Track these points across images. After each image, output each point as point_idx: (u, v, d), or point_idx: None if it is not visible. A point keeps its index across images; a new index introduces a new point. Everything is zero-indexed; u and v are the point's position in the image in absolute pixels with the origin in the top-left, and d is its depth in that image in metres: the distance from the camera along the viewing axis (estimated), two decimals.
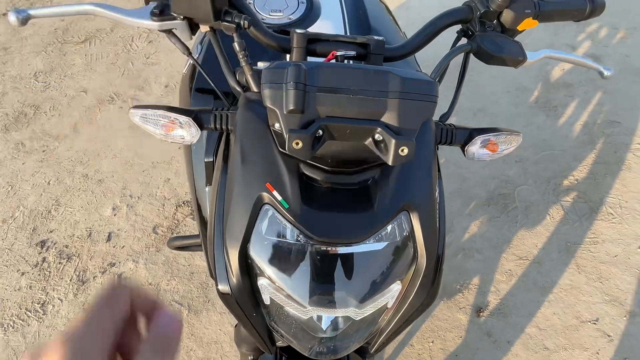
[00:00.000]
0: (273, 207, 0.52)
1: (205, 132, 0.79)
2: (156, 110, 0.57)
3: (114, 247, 1.67)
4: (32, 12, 0.60)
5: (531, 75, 2.22)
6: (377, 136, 0.48)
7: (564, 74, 2.22)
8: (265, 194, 0.52)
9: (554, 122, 2.00)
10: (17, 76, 2.56)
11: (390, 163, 0.47)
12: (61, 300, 1.51)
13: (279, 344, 0.67)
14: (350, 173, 0.53)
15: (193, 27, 0.59)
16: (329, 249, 0.52)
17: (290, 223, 0.52)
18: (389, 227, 0.53)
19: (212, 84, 0.66)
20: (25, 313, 1.48)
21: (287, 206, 0.51)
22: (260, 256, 0.54)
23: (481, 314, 1.41)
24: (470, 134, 0.63)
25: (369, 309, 0.56)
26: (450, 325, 1.39)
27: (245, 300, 0.56)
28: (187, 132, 0.57)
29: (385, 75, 0.47)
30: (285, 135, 0.46)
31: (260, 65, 0.59)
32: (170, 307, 0.28)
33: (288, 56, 0.61)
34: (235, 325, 0.84)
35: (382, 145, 0.48)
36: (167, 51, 2.62)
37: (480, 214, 1.70)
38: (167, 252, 1.64)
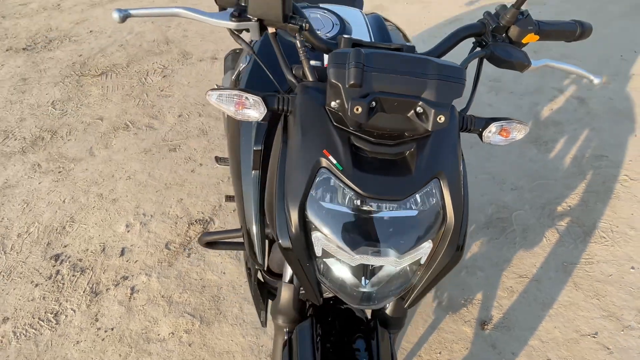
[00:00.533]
0: (329, 169, 0.62)
1: (255, 124, 0.90)
2: (231, 91, 0.67)
3: (127, 261, 1.71)
4: (132, 11, 0.73)
5: (522, 113, 2.41)
6: (418, 109, 0.59)
7: (553, 113, 2.41)
8: (322, 159, 0.62)
9: (546, 155, 2.15)
10: (35, 104, 2.69)
11: (430, 128, 0.58)
12: (74, 311, 1.53)
13: (326, 294, 0.74)
14: (391, 145, 0.64)
15: (262, 29, 0.72)
16: (374, 206, 0.61)
17: (343, 182, 0.61)
18: (424, 191, 0.63)
19: (271, 76, 0.78)
20: (39, 322, 1.49)
21: (341, 168, 0.61)
22: (316, 213, 0.62)
23: (485, 327, 1.46)
24: (486, 122, 0.74)
25: (406, 260, 0.65)
26: (457, 338, 1.43)
27: (302, 252, 0.64)
28: (256, 110, 0.68)
29: (425, 62, 0.60)
30: (348, 104, 0.56)
31: (313, 63, 0.71)
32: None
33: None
34: (272, 300, 0.90)
35: (422, 116, 0.59)
36: (180, 85, 2.79)
37: (480, 235, 1.79)
38: (179, 267, 1.69)
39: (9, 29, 3.66)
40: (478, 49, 0.82)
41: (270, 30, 0.72)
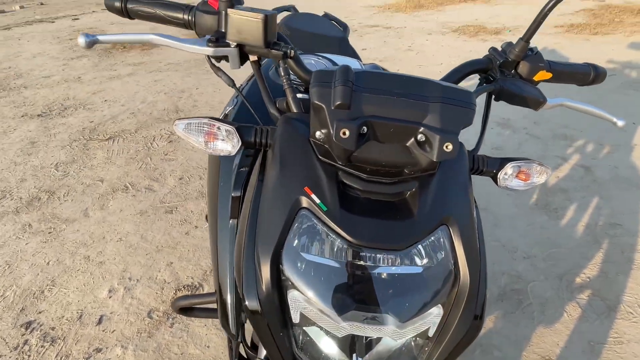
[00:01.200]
0: (310, 211, 0.51)
1: (235, 167, 0.82)
2: (201, 119, 0.59)
3: (103, 330, 1.55)
4: (100, 37, 0.65)
5: None
6: (419, 137, 0.49)
7: (559, 181, 2.35)
8: (303, 198, 0.51)
9: (557, 223, 2.05)
10: (39, 166, 2.71)
11: (435, 159, 0.48)
12: None
13: None
14: (388, 183, 0.53)
15: (242, 57, 0.65)
16: (367, 258, 0.50)
17: (328, 227, 0.50)
18: (429, 240, 0.52)
19: (252, 111, 0.72)
20: None
21: (326, 209, 0.50)
22: (293, 266, 0.51)
23: None
24: (501, 162, 0.64)
25: (409, 330, 0.51)
26: None
27: (274, 317, 0.52)
28: (229, 142, 0.59)
29: (427, 83, 0.51)
30: (333, 127, 0.48)
31: (300, 96, 0.65)
32: None
33: None
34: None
35: (425, 145, 0.49)
36: (184, 150, 2.82)
37: (493, 309, 1.62)
38: (159, 338, 1.52)
39: (28, 97, 3.86)
40: (485, 85, 0.74)
41: (252, 58, 0.66)
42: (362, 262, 0.50)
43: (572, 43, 4.58)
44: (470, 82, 3.47)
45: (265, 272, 0.51)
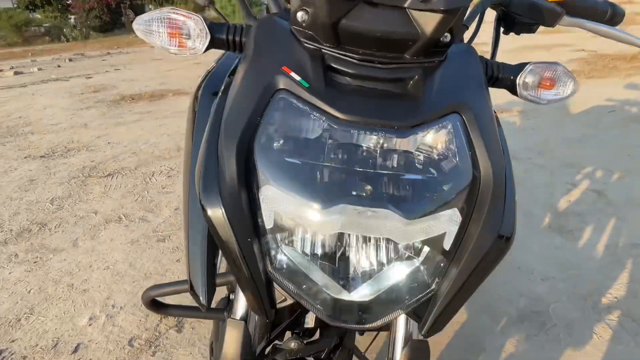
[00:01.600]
0: (289, 91, 0.43)
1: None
2: (162, 11, 0.50)
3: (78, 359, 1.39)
4: None
5: (539, 205, 2.26)
6: None
7: (572, 205, 2.25)
8: (280, 78, 0.43)
9: (573, 244, 1.92)
10: (34, 200, 2.66)
11: (442, 7, 0.38)
12: None
13: (281, 304, 0.47)
14: (385, 67, 0.44)
15: None
16: (359, 142, 0.40)
17: (311, 105, 0.41)
18: (438, 125, 0.42)
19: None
20: None
21: (308, 85, 0.42)
22: (267, 156, 0.41)
23: None
24: (519, 66, 0.55)
25: (418, 232, 0.41)
26: None
27: (241, 221, 0.41)
28: (195, 34, 0.50)
29: None
30: None
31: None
32: None
33: None
34: (210, 344, 0.62)
35: (430, 3, 0.39)
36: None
37: (514, 331, 1.45)
38: None
39: (33, 141, 3.92)
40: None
41: None
42: (353, 144, 0.41)
43: None
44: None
45: (231, 164, 0.41)
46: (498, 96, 0.87)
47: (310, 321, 0.68)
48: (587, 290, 1.62)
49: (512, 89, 0.56)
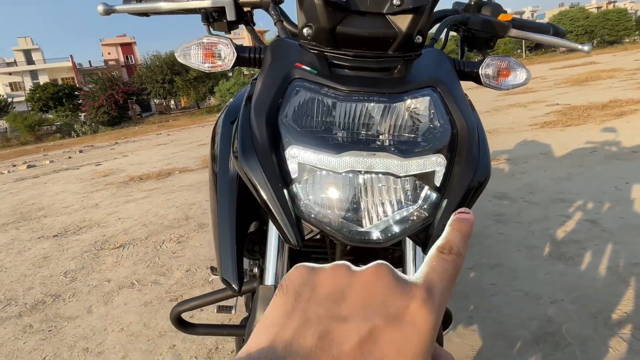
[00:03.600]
0: (302, 78, 0.56)
1: (234, 131, 0.84)
2: (198, 39, 0.65)
3: None
4: (117, 7, 0.75)
5: (536, 237, 2.33)
6: (395, 0, 0.54)
7: (568, 234, 2.33)
8: (295, 70, 0.56)
9: (576, 269, 1.97)
10: (48, 275, 2.72)
11: (411, 6, 0.52)
12: None
13: (309, 235, 0.56)
14: (374, 60, 0.57)
15: (238, 11, 0.75)
16: (362, 104, 0.53)
17: (320, 84, 0.55)
18: (419, 93, 0.55)
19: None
20: None
21: (316, 72, 0.55)
22: (289, 126, 0.54)
23: None
24: (480, 61, 0.70)
25: (413, 166, 0.52)
26: None
27: (273, 173, 0.53)
28: (225, 57, 0.65)
29: None
30: None
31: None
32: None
33: None
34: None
35: (402, 6, 0.53)
36: (192, 247, 2.86)
37: (530, 353, 1.45)
38: None
39: (46, 224, 4.06)
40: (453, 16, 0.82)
41: (246, 9, 0.77)
42: (356, 111, 0.54)
43: (549, 134, 4.99)
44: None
45: (262, 132, 0.54)
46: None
47: None
48: (597, 308, 1.65)
49: (477, 80, 0.70)
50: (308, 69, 0.57)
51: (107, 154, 9.97)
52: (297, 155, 0.54)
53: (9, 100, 32.09)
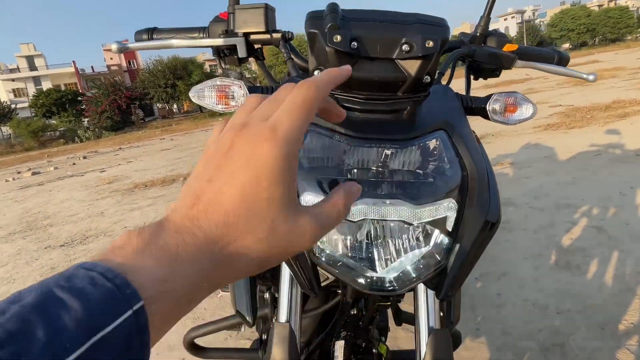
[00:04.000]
0: (314, 124, 0.57)
1: None
2: (210, 82, 0.67)
3: None
4: (129, 45, 0.78)
5: (542, 245, 2.34)
6: (404, 47, 0.54)
7: (574, 242, 2.33)
8: None
9: (582, 278, 1.97)
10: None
11: (420, 54, 0.53)
12: None
13: (325, 282, 0.57)
14: (384, 102, 0.58)
15: (248, 47, 0.77)
16: (372, 153, 0.54)
17: (330, 130, 0.56)
18: (430, 138, 0.56)
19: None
20: None
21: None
22: (302, 173, 0.55)
23: None
24: (487, 97, 0.70)
25: (425, 213, 0.53)
26: None
27: None
28: (239, 95, 0.66)
29: (404, 14, 0.58)
30: (326, 38, 0.53)
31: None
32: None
33: None
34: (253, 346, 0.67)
35: (410, 52, 0.54)
36: None
37: None
38: None
39: (52, 233, 4.09)
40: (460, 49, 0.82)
41: (257, 46, 0.79)
42: (367, 156, 0.55)
43: (553, 137, 4.99)
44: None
45: None
46: (489, 153, 1.05)
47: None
48: (603, 319, 1.65)
49: (485, 115, 0.72)
50: (317, 114, 0.58)
51: (111, 160, 10.02)
52: (311, 202, 0.55)
53: (12, 106, 32.32)
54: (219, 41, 0.75)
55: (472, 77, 0.89)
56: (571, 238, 2.37)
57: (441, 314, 0.70)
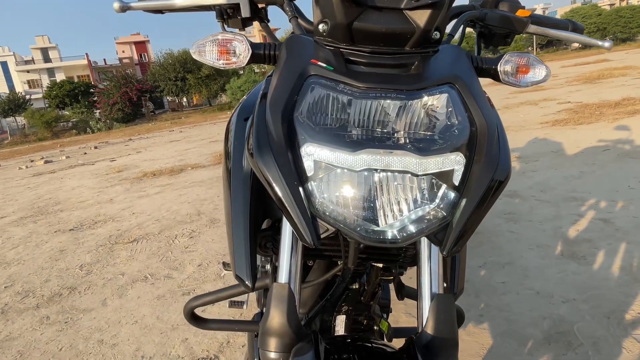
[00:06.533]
0: (319, 76, 0.55)
1: (248, 131, 0.84)
2: (213, 35, 0.64)
3: None
4: (132, 4, 0.74)
5: (548, 235, 2.31)
6: None
7: (580, 233, 2.29)
8: (310, 66, 0.55)
9: (588, 268, 1.94)
10: (64, 268, 2.79)
11: (430, 1, 0.51)
12: None
13: (325, 234, 0.55)
14: (391, 56, 0.56)
15: (252, 7, 0.74)
16: (379, 101, 0.52)
17: (336, 81, 0.54)
18: (438, 90, 0.54)
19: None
20: None
21: (332, 68, 0.54)
22: (304, 123, 0.54)
23: None
24: (499, 57, 0.67)
25: (431, 164, 0.51)
26: None
27: (288, 169, 0.52)
28: (240, 50, 0.64)
29: None
30: None
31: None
32: None
33: None
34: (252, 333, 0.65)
35: (420, 1, 0.52)
36: (204, 242, 2.90)
37: (542, 352, 1.44)
38: None
39: (63, 217, 4.15)
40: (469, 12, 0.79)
41: (260, 5, 0.76)
42: (372, 107, 0.53)
43: (561, 132, 4.90)
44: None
45: (277, 129, 0.53)
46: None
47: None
48: (609, 308, 1.62)
49: (496, 77, 0.68)
50: (324, 65, 0.56)
51: (122, 150, 10.13)
52: (312, 153, 0.53)
53: (27, 97, 32.81)
54: (221, 0, 0.74)
55: (482, 45, 0.87)
56: (577, 230, 2.33)
57: (445, 284, 0.68)
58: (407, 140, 0.53)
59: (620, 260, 1.96)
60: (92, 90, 31.18)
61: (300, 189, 0.54)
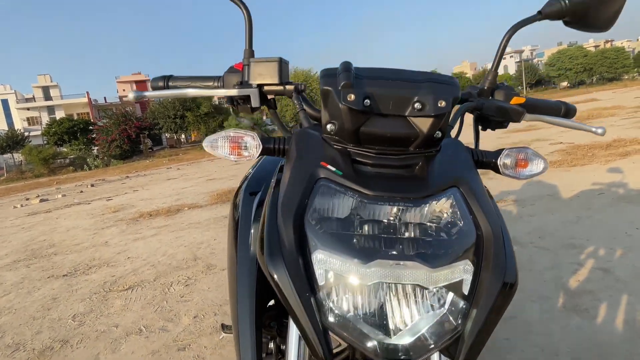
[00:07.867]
0: (328, 179, 0.57)
1: (255, 205, 0.86)
2: (225, 132, 0.67)
3: None
4: (146, 93, 0.78)
5: (549, 287, 2.30)
6: (416, 105, 0.55)
7: (581, 284, 2.29)
8: (320, 170, 0.57)
9: (592, 322, 1.93)
10: (57, 318, 2.72)
11: (432, 113, 0.54)
12: None
13: (337, 349, 0.55)
14: (396, 157, 0.58)
15: (262, 97, 0.79)
16: (385, 211, 0.54)
17: (345, 187, 0.55)
18: (443, 196, 0.55)
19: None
20: None
21: (341, 173, 0.56)
22: (315, 228, 0.54)
23: None
24: (498, 151, 0.70)
25: (441, 277, 0.51)
26: None
27: (300, 279, 0.52)
28: (252, 148, 0.67)
29: (416, 72, 0.59)
30: (340, 97, 0.54)
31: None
32: None
33: None
34: None
35: (422, 110, 0.55)
36: (200, 291, 2.86)
37: None
38: None
39: (57, 262, 4.08)
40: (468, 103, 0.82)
41: (270, 96, 0.81)
42: (380, 212, 0.54)
43: (555, 175, 4.99)
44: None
45: (289, 235, 0.53)
46: (491, 189, 1.05)
47: None
48: None
49: (495, 169, 0.71)
50: (333, 169, 0.58)
51: (118, 188, 10.12)
52: (323, 261, 0.53)
53: (26, 134, 33.11)
54: (234, 91, 0.78)
55: (480, 127, 0.90)
56: (578, 280, 2.33)
57: None
58: (416, 247, 0.54)
59: (623, 313, 1.95)
60: (91, 127, 31.58)
61: (312, 300, 0.53)
